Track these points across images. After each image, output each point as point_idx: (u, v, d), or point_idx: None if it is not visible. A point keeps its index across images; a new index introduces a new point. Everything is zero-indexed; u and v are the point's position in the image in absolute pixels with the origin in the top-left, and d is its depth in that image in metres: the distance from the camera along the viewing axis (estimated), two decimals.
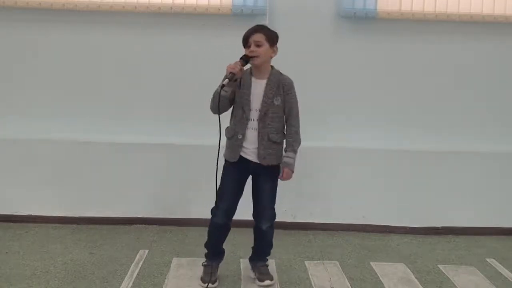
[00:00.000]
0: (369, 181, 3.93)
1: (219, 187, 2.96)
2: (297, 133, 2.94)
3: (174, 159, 3.88)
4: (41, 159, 3.87)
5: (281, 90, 2.87)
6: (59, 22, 3.90)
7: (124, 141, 3.89)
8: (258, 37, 2.81)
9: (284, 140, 2.95)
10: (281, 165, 2.92)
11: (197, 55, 3.94)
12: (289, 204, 3.85)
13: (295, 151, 2.92)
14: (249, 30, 2.84)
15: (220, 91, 2.76)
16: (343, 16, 3.92)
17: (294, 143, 2.92)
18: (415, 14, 3.91)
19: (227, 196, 2.93)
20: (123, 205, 3.92)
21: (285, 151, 2.94)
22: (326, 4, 3.93)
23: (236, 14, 3.83)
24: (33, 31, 3.91)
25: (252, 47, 2.79)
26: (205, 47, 3.93)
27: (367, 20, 3.92)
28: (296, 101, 2.94)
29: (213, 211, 2.97)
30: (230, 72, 2.74)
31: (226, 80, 2.74)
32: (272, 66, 2.91)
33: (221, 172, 2.97)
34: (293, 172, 2.91)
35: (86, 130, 3.95)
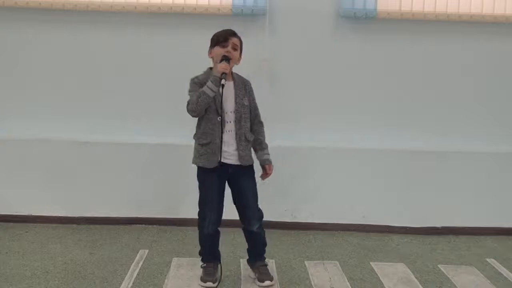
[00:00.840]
0: (369, 181, 3.93)
1: (201, 198, 2.94)
2: (264, 131, 3.02)
3: (174, 159, 3.87)
4: (41, 159, 3.87)
5: (247, 90, 2.94)
6: (59, 22, 3.90)
7: (124, 141, 3.89)
8: (237, 41, 2.89)
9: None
10: (264, 163, 2.96)
11: (197, 55, 3.91)
12: (289, 204, 3.85)
13: (267, 147, 3.01)
14: (230, 30, 2.90)
15: (222, 90, 2.76)
16: (343, 16, 3.92)
17: (265, 140, 3.01)
18: (415, 14, 3.91)
19: (212, 206, 2.91)
20: (123, 205, 3.92)
21: (261, 150, 2.98)
22: (326, 4, 3.93)
23: (236, 14, 3.84)
24: (33, 31, 3.91)
25: (230, 48, 2.83)
26: (205, 47, 3.91)
27: (367, 20, 3.92)
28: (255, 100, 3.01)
29: (200, 223, 2.96)
30: (223, 73, 2.76)
31: (224, 80, 2.75)
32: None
33: (198, 182, 2.95)
34: (273, 167, 2.98)
35: (85, 130, 3.95)
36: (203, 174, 2.92)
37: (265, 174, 2.98)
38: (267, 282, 2.97)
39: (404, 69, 4.02)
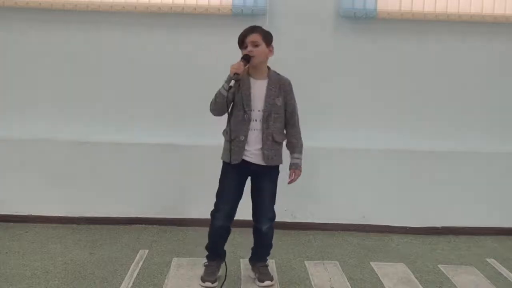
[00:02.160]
0: (369, 181, 3.93)
1: (219, 190, 2.95)
2: (300, 133, 2.97)
3: (174, 159, 3.88)
4: (41, 159, 3.87)
5: (282, 90, 2.88)
6: (59, 22, 3.90)
7: (124, 141, 3.89)
8: (255, 37, 2.81)
9: (285, 141, 2.96)
10: (290, 167, 2.94)
11: (197, 55, 3.94)
12: (289, 204, 3.85)
13: (301, 152, 2.96)
14: (244, 30, 2.84)
15: (229, 91, 2.75)
16: (343, 16, 3.92)
17: (299, 144, 2.96)
18: (415, 14, 3.90)
19: (227, 199, 2.92)
20: (123, 205, 3.92)
21: (292, 153, 2.96)
22: (326, 4, 3.93)
23: (236, 14, 3.83)
24: (33, 31, 3.90)
25: (250, 47, 2.79)
26: (205, 47, 3.93)
27: (367, 20, 3.92)
28: (295, 102, 2.95)
29: (213, 213, 2.96)
30: (235, 73, 2.73)
31: (233, 81, 2.73)
32: (268, 67, 2.91)
33: (220, 174, 2.96)
34: (301, 172, 2.95)
35: (86, 130, 3.95)
36: (225, 168, 2.94)
37: (291, 178, 2.95)
38: (267, 282, 2.97)
39: (404, 69, 4.02)
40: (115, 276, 3.06)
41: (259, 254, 3.09)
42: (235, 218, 2.97)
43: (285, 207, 3.82)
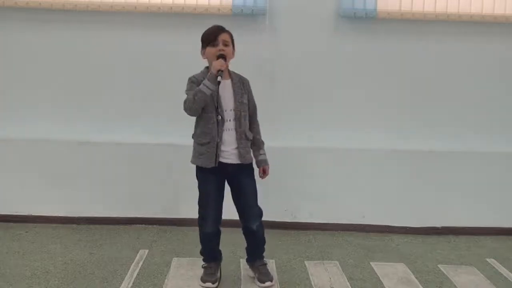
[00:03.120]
0: (369, 181, 3.93)
1: (200, 197, 2.94)
2: (260, 130, 3.02)
3: (174, 159, 3.87)
4: (41, 159, 3.87)
5: (245, 88, 2.92)
6: (59, 22, 3.90)
7: (124, 141, 3.89)
8: (226, 36, 2.84)
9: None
10: (260, 164, 2.97)
11: (197, 55, 3.92)
12: (289, 204, 3.85)
13: (264, 148, 3.01)
14: (215, 28, 2.85)
15: (217, 87, 2.74)
16: (343, 16, 3.92)
17: (261, 139, 3.01)
18: (415, 14, 3.91)
19: (212, 205, 2.91)
20: (123, 205, 3.92)
21: (257, 150, 2.98)
22: (326, 4, 3.93)
23: (236, 14, 3.83)
24: (33, 31, 3.90)
25: (221, 46, 2.80)
26: None
27: (367, 20, 3.92)
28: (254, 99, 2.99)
29: (200, 223, 2.95)
30: (219, 70, 2.72)
31: (219, 77, 2.72)
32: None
33: (198, 181, 2.94)
34: (269, 167, 2.99)
35: (86, 130, 3.95)
36: (202, 173, 2.92)
37: (263, 174, 2.99)
38: (267, 283, 2.96)
39: (404, 69, 4.02)
40: (115, 276, 3.06)
41: (255, 252, 3.07)
42: (232, 218, 2.97)
43: (285, 207, 3.82)
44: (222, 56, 2.78)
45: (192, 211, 3.87)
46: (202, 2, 3.87)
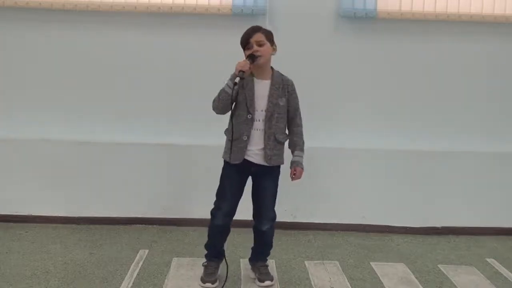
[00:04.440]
0: (369, 181, 3.93)
1: (219, 189, 2.95)
2: (302, 133, 2.98)
3: (174, 159, 3.88)
4: (41, 159, 3.87)
5: (285, 91, 2.89)
6: (59, 22, 3.90)
7: (124, 141, 3.89)
8: (259, 36, 2.82)
9: (287, 141, 2.96)
10: (292, 165, 2.94)
11: (197, 55, 3.94)
12: (289, 204, 3.85)
13: (303, 150, 2.97)
14: (248, 31, 2.84)
15: (234, 88, 2.74)
16: (343, 16, 3.92)
17: (301, 142, 2.97)
18: (415, 14, 3.91)
19: (228, 198, 2.92)
20: (123, 205, 3.92)
21: (293, 151, 2.96)
22: (326, 4, 3.93)
23: (236, 14, 3.83)
24: (33, 31, 3.90)
25: (255, 47, 2.79)
26: (205, 47, 3.92)
27: (367, 20, 3.92)
28: (298, 102, 2.96)
29: (213, 212, 2.97)
30: (240, 71, 2.72)
31: (238, 78, 2.73)
32: (272, 67, 2.91)
33: (221, 173, 2.96)
34: (303, 170, 2.94)
35: (86, 130, 3.95)
36: (226, 167, 2.94)
37: (292, 175, 2.95)
38: (267, 282, 2.97)
39: (404, 69, 4.02)
40: (115, 276, 3.06)
41: (260, 254, 3.09)
42: (235, 218, 2.97)
43: (285, 207, 3.81)
44: (251, 57, 2.77)
45: (192, 211, 3.91)
46: (202, 2, 3.87)
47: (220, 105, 2.82)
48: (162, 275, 3.10)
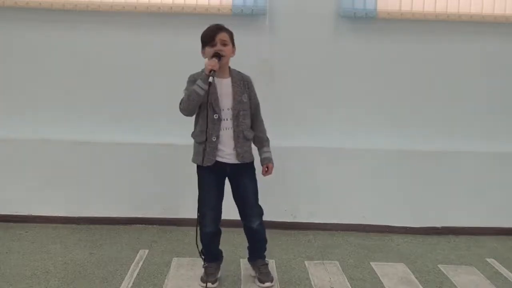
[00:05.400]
0: (369, 181, 3.93)
1: (199, 196, 2.92)
2: (265, 128, 3.00)
3: (174, 159, 3.87)
4: (41, 159, 3.87)
5: (246, 87, 2.90)
6: (59, 22, 3.90)
7: (124, 141, 3.89)
8: (224, 36, 2.82)
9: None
10: (263, 162, 2.96)
11: (197, 55, 3.92)
12: (289, 204, 3.85)
13: (269, 146, 3.00)
14: (213, 28, 2.83)
15: (209, 88, 2.72)
16: (343, 16, 3.92)
17: (266, 137, 3.00)
18: (415, 14, 3.91)
19: (211, 204, 2.91)
20: (123, 205, 3.92)
21: (261, 148, 2.98)
22: (326, 4, 3.93)
23: (236, 14, 3.83)
24: (33, 31, 3.90)
25: (219, 46, 2.79)
26: None
27: (367, 20, 3.92)
28: (257, 97, 2.98)
29: (200, 221, 2.93)
30: (212, 70, 2.71)
31: (211, 77, 2.71)
32: (229, 66, 2.91)
33: (197, 179, 2.93)
34: (273, 165, 2.97)
35: (86, 130, 3.95)
36: (201, 172, 2.92)
37: (265, 172, 2.97)
38: (267, 284, 2.97)
39: (404, 69, 4.01)
40: (115, 276, 3.07)
41: (257, 252, 3.08)
42: (233, 218, 2.97)
43: (285, 207, 3.81)
44: (217, 56, 2.77)
45: (192, 211, 3.88)
46: (202, 2, 3.87)
47: (190, 107, 2.79)
48: (162, 275, 3.10)
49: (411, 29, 3.98)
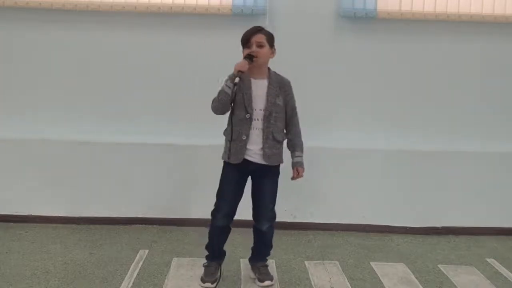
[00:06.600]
0: (369, 181, 3.93)
1: (219, 190, 2.95)
2: (300, 133, 2.99)
3: (174, 159, 3.88)
4: (41, 159, 3.87)
5: (282, 90, 2.90)
6: (59, 22, 3.90)
7: (124, 141, 3.89)
8: (260, 37, 2.82)
9: (285, 140, 2.96)
10: (294, 166, 2.95)
11: (197, 55, 3.94)
12: (289, 204, 3.85)
13: (302, 150, 2.98)
14: (250, 30, 2.84)
15: (233, 88, 2.74)
16: (343, 16, 3.92)
17: (300, 142, 2.98)
18: (415, 14, 3.91)
19: (228, 198, 2.92)
20: (123, 205, 3.92)
21: (293, 152, 2.97)
22: (326, 4, 3.93)
23: (236, 14, 3.84)
24: (33, 31, 3.91)
25: (254, 47, 2.80)
26: (205, 47, 3.93)
27: (367, 20, 3.92)
28: (295, 102, 2.96)
29: (213, 213, 2.96)
30: (239, 71, 2.73)
31: (237, 78, 2.73)
32: (269, 68, 2.92)
33: (220, 174, 2.95)
34: (304, 170, 2.95)
35: (86, 130, 3.95)
36: (225, 167, 2.94)
37: (294, 175, 2.96)
38: (267, 282, 2.97)
39: (404, 69, 4.02)
40: (115, 276, 3.06)
41: (259, 254, 3.09)
42: (235, 218, 2.97)
43: (285, 207, 3.81)
44: (249, 57, 2.77)
45: (192, 211, 3.91)
46: (202, 2, 3.87)
47: (219, 106, 2.82)
48: (162, 275, 3.10)
49: (411, 29, 3.98)
